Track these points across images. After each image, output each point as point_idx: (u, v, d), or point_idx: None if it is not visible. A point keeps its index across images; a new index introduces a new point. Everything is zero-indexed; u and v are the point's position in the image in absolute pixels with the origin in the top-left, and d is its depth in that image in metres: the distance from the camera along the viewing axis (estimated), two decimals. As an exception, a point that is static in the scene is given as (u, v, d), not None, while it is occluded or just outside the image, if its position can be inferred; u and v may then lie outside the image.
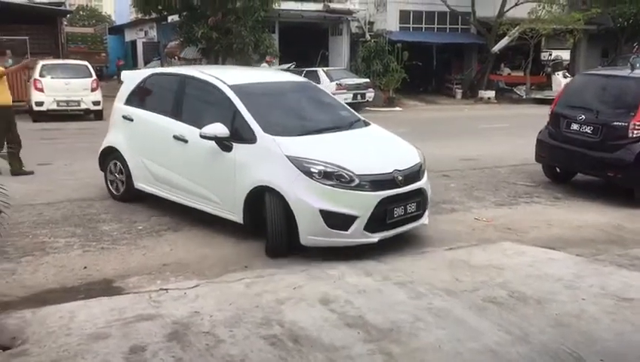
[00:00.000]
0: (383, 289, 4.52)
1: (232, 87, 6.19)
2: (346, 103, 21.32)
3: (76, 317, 4.00)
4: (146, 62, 28.30)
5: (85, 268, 5.08)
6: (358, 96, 20.47)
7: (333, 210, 5.23)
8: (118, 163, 7.24)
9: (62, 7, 25.32)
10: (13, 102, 8.92)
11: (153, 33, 28.99)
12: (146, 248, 5.60)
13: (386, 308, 4.19)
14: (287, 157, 5.44)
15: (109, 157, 7.40)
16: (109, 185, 7.47)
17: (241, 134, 5.79)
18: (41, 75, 16.09)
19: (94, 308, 4.18)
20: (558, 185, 8.52)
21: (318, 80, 20.38)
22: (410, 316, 4.05)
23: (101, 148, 7.54)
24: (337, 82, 20.23)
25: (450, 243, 5.83)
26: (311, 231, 5.30)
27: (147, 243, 5.76)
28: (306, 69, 21.07)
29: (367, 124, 6.70)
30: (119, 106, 7.41)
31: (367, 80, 21.76)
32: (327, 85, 20.13)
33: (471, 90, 26.51)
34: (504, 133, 14.84)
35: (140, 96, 7.25)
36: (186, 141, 6.25)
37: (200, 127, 5.94)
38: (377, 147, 6.23)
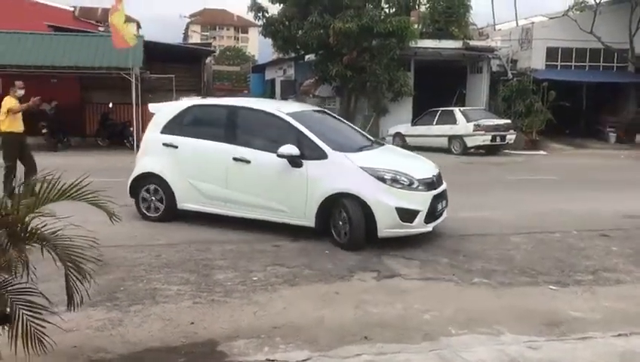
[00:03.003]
0: (537, 391, 3.58)
1: (289, 114, 7.21)
2: (484, 145, 19.97)
3: (170, 389, 3.54)
4: (283, 100, 29.03)
5: (192, 323, 4.65)
6: (497, 138, 18.91)
7: (405, 206, 6.53)
8: (159, 188, 7.76)
9: (208, 48, 26.85)
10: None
11: (291, 71, 29.72)
12: (258, 304, 5.08)
13: (542, 421, 3.25)
14: (362, 168, 6.67)
15: (141, 183, 7.94)
16: (142, 209, 7.94)
17: (309, 152, 6.82)
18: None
19: (192, 377, 3.70)
20: None
21: (454, 120, 19.23)
22: None
23: (133, 176, 8.02)
24: (475, 123, 18.77)
25: (619, 328, 4.69)
26: (388, 225, 6.56)
27: (260, 298, 5.25)
28: (442, 109, 20.03)
29: (382, 144, 8.27)
30: (156, 136, 7.93)
31: (509, 121, 20.02)
32: (463, 126, 18.95)
33: (627, 134, 23.88)
34: (674, 185, 12.83)
35: (180, 126, 7.85)
36: (248, 162, 7.13)
37: (260, 150, 7.10)
38: (410, 159, 7.75)
